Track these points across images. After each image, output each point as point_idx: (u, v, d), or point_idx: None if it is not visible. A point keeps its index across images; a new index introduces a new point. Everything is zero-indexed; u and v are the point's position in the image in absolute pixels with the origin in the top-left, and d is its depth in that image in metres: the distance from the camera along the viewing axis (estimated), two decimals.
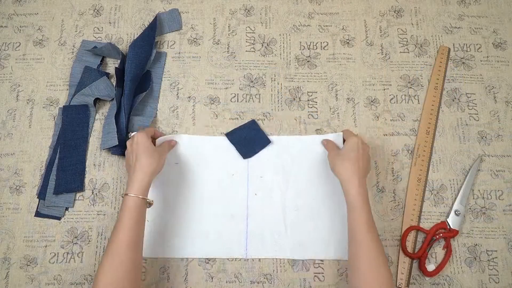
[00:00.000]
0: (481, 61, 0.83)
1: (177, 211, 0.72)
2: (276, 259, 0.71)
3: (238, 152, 0.76)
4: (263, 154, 0.76)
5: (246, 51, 0.83)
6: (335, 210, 0.72)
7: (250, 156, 0.75)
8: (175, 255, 0.70)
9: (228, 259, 0.71)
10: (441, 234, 0.71)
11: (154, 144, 0.71)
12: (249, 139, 0.76)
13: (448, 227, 0.71)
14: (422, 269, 0.69)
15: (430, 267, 0.70)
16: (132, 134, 0.71)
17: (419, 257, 0.70)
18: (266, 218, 0.72)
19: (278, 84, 0.81)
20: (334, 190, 0.73)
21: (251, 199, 0.73)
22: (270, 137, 0.76)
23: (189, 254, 0.71)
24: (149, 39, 0.79)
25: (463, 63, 0.83)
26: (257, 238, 0.71)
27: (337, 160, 0.67)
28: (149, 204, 0.65)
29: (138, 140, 0.67)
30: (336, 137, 0.76)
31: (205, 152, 0.76)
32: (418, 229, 0.72)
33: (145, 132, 0.69)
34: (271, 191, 0.74)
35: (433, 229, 0.71)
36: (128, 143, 0.69)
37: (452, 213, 0.72)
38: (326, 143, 0.74)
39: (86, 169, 0.75)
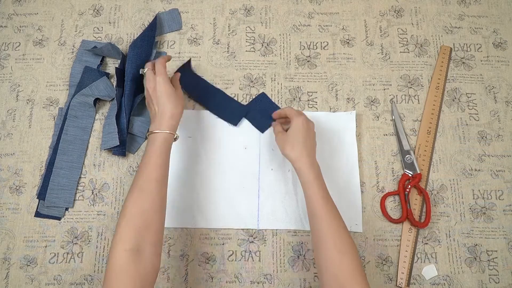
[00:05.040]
0: (481, 61, 0.83)
1: (190, 183, 0.74)
2: (276, 259, 0.71)
3: (255, 127, 0.77)
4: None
5: (246, 51, 0.83)
6: (343, 183, 0.74)
7: (267, 128, 0.77)
8: (188, 226, 0.72)
9: (228, 259, 0.71)
10: (409, 186, 0.72)
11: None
12: (263, 112, 0.78)
13: (410, 175, 0.74)
14: (416, 224, 0.71)
15: (430, 266, 0.70)
16: (146, 70, 0.69)
17: (407, 217, 0.72)
18: (277, 190, 0.74)
19: (278, 84, 0.81)
20: (344, 164, 0.75)
21: (263, 172, 0.75)
22: None
23: (201, 225, 0.72)
24: (149, 39, 0.79)
25: (463, 63, 0.82)
26: (268, 210, 0.73)
27: (285, 143, 0.67)
28: (175, 139, 0.66)
29: (160, 84, 0.66)
30: (347, 116, 0.77)
31: (218, 126, 0.78)
32: (389, 195, 0.74)
33: (164, 75, 0.67)
34: (283, 164, 0.75)
35: (401, 187, 0.73)
36: (148, 85, 0.68)
37: (405, 163, 0.74)
38: (274, 126, 0.74)
39: (86, 169, 0.75)
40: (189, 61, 0.79)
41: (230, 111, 0.78)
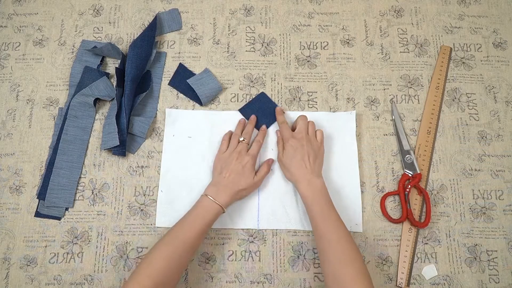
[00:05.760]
0: (481, 61, 0.83)
1: (190, 183, 0.74)
2: (276, 259, 0.71)
3: (254, 126, 0.77)
4: (275, 128, 0.77)
5: (246, 51, 0.83)
6: (343, 183, 0.74)
7: (266, 128, 0.77)
8: None
9: (228, 259, 0.71)
10: (409, 186, 0.72)
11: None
12: (262, 111, 0.78)
13: (410, 175, 0.74)
14: (416, 224, 0.71)
15: (430, 266, 0.70)
16: (244, 142, 0.72)
17: (407, 217, 0.72)
18: (277, 191, 0.74)
19: (278, 84, 0.81)
20: (344, 164, 0.75)
21: None
22: None
23: None
24: (149, 39, 0.79)
25: (463, 63, 0.83)
26: (268, 210, 0.73)
27: (283, 169, 0.72)
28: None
29: (247, 165, 0.69)
30: (347, 116, 0.77)
31: (218, 126, 0.78)
32: (389, 195, 0.74)
33: (255, 158, 0.71)
34: None
35: (401, 186, 0.73)
36: (237, 154, 0.70)
37: (405, 163, 0.75)
38: (277, 143, 0.75)
39: (86, 169, 0.75)
40: (180, 66, 0.80)
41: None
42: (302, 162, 0.68)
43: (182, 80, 0.80)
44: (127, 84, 0.75)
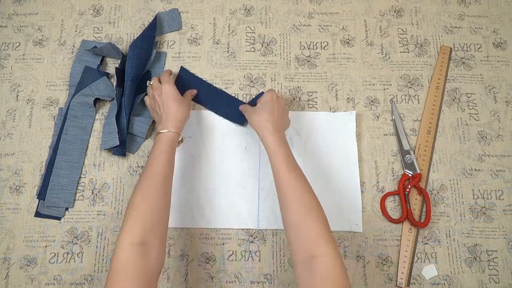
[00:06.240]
0: (481, 61, 0.83)
1: (190, 183, 0.74)
2: (276, 259, 0.71)
3: None
4: None
5: (246, 51, 0.83)
6: (343, 183, 0.74)
7: None
8: (188, 226, 0.72)
9: (228, 259, 0.71)
10: (409, 186, 0.73)
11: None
12: None
13: (410, 175, 0.74)
14: (416, 224, 0.71)
15: (430, 266, 0.70)
16: (152, 82, 0.73)
17: (407, 217, 0.72)
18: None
19: (278, 84, 0.81)
20: (344, 164, 0.75)
21: (263, 172, 0.75)
22: None
23: (201, 225, 0.72)
24: (149, 39, 0.79)
25: (463, 63, 0.83)
26: (268, 210, 0.73)
27: (253, 114, 0.68)
28: (180, 142, 0.69)
29: (166, 90, 0.70)
30: (347, 116, 0.77)
31: (218, 126, 0.78)
32: (389, 195, 0.74)
33: (170, 82, 0.71)
34: None
35: (401, 186, 0.73)
36: (155, 92, 0.71)
37: (405, 162, 0.75)
38: (242, 106, 0.76)
39: (86, 169, 0.75)
40: (182, 69, 0.80)
41: (237, 111, 0.77)
42: (276, 112, 0.67)
43: (185, 85, 0.79)
44: (127, 84, 0.75)
